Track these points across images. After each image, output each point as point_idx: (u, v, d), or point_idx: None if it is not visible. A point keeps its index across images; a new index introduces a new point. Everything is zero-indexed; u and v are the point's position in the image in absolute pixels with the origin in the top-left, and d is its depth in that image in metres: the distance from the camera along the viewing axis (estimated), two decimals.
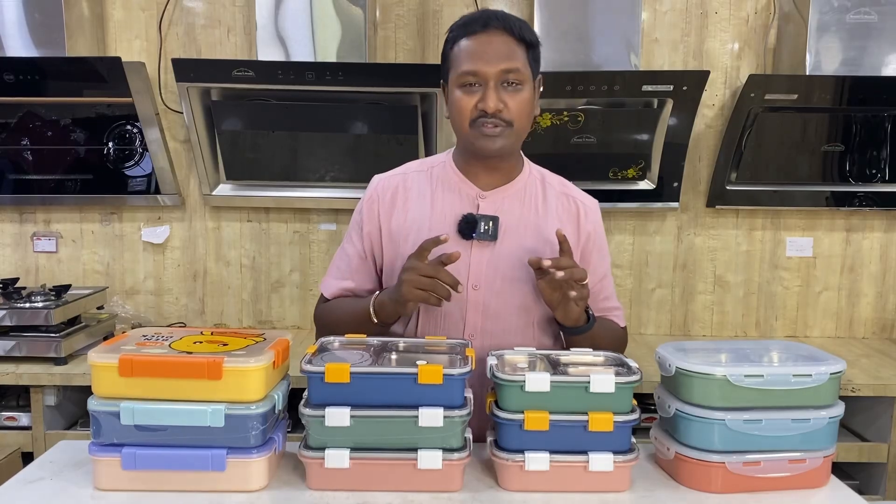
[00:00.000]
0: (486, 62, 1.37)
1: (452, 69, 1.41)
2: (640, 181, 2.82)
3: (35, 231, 2.92)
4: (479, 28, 1.39)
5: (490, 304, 1.47)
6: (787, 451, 1.20)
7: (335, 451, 1.16)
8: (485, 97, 1.37)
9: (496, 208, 1.48)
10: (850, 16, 2.58)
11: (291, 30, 2.57)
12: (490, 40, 1.38)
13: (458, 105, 1.41)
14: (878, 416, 2.46)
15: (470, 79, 1.38)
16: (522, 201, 1.51)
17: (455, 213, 1.47)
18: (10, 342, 2.40)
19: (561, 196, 1.54)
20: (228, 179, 2.81)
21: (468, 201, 1.49)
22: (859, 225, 2.97)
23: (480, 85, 1.38)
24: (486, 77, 1.37)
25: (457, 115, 1.42)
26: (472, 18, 1.42)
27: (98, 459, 1.16)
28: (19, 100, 2.68)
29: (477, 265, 1.46)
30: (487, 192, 1.49)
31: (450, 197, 1.50)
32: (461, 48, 1.40)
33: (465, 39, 1.40)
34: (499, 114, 1.38)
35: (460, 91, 1.40)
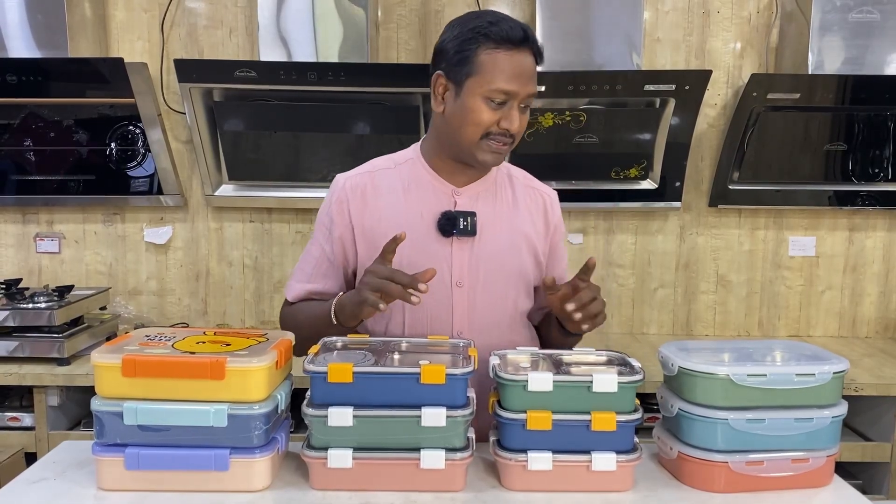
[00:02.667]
0: (522, 84, 1.36)
1: (478, 77, 1.36)
2: (643, 181, 2.82)
3: (38, 232, 2.93)
4: (516, 45, 1.35)
5: (475, 299, 1.48)
6: (791, 451, 1.20)
7: (338, 451, 1.16)
8: (510, 117, 1.37)
9: (471, 204, 1.48)
10: (853, 15, 2.58)
11: (293, 30, 2.57)
12: (525, 60, 1.37)
13: (476, 116, 1.37)
14: (881, 415, 2.45)
15: (501, 96, 1.36)
16: (495, 196, 1.52)
17: (431, 210, 1.47)
18: (13, 343, 2.40)
19: (528, 189, 1.57)
20: (231, 180, 2.81)
21: (444, 198, 1.48)
22: (862, 224, 2.97)
23: (505, 103, 1.37)
24: (516, 98, 1.37)
25: (471, 126, 1.38)
26: (510, 29, 1.36)
27: (101, 459, 1.17)
28: (22, 101, 2.68)
29: (459, 262, 1.47)
30: (462, 189, 1.49)
31: (424, 194, 1.49)
32: (496, 60, 1.35)
33: (501, 52, 1.35)
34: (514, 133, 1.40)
35: (484, 104, 1.37)
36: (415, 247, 1.44)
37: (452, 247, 1.46)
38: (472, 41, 1.37)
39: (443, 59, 1.42)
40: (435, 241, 1.46)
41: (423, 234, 1.46)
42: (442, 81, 1.42)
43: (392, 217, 1.47)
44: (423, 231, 1.46)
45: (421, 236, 1.45)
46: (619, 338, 2.89)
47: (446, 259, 1.46)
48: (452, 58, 1.39)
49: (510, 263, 1.50)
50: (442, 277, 1.44)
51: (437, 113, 1.45)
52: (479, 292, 1.48)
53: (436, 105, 1.44)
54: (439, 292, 1.45)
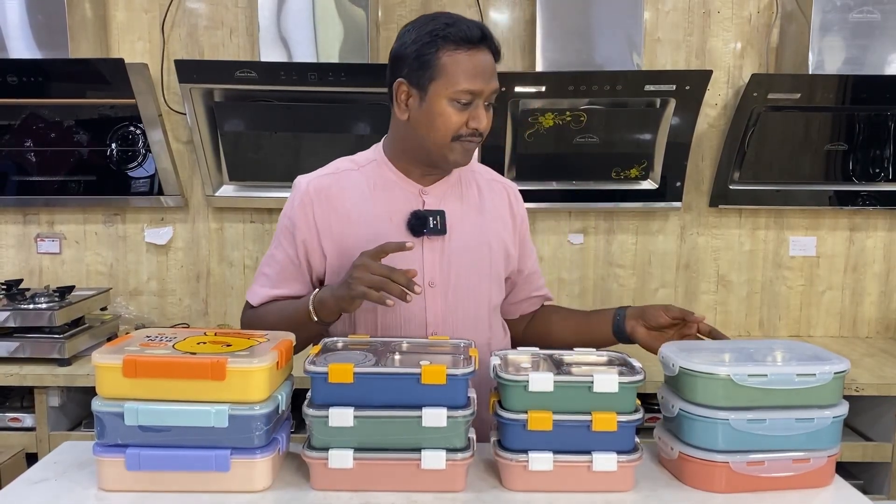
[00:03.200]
0: (485, 82, 1.37)
1: (441, 80, 1.36)
2: (643, 181, 2.82)
3: (39, 232, 2.93)
4: (475, 44, 1.36)
5: (448, 298, 1.48)
6: (791, 451, 1.20)
7: (339, 452, 1.16)
8: (478, 116, 1.38)
9: (439, 203, 1.49)
10: (853, 15, 2.58)
11: (294, 31, 2.57)
12: (484, 58, 1.38)
13: (445, 120, 1.38)
14: (881, 415, 2.45)
15: (466, 97, 1.36)
16: (461, 194, 1.53)
17: (400, 211, 1.47)
18: (13, 343, 2.41)
19: (491, 183, 1.59)
20: (231, 180, 2.81)
21: (412, 198, 1.48)
22: (863, 224, 2.97)
23: (470, 102, 1.37)
24: (481, 96, 1.38)
25: (441, 130, 1.39)
26: (466, 29, 1.37)
27: (102, 460, 1.17)
28: (23, 101, 2.68)
29: (431, 262, 1.47)
30: (428, 188, 1.50)
31: (391, 195, 1.48)
32: (457, 62, 1.36)
33: (461, 53, 1.36)
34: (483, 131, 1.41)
35: (451, 106, 1.37)
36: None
37: (423, 247, 1.47)
38: (432, 44, 1.37)
39: (403, 65, 1.41)
40: (405, 238, 1.45)
41: (393, 236, 1.44)
42: (404, 88, 1.41)
43: (360, 218, 1.47)
44: (392, 232, 1.45)
45: (391, 234, 1.45)
46: None
47: (417, 259, 1.45)
48: (413, 63, 1.39)
49: (481, 259, 1.51)
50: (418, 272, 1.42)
51: (401, 121, 1.44)
52: (451, 291, 1.48)
53: (399, 112, 1.43)
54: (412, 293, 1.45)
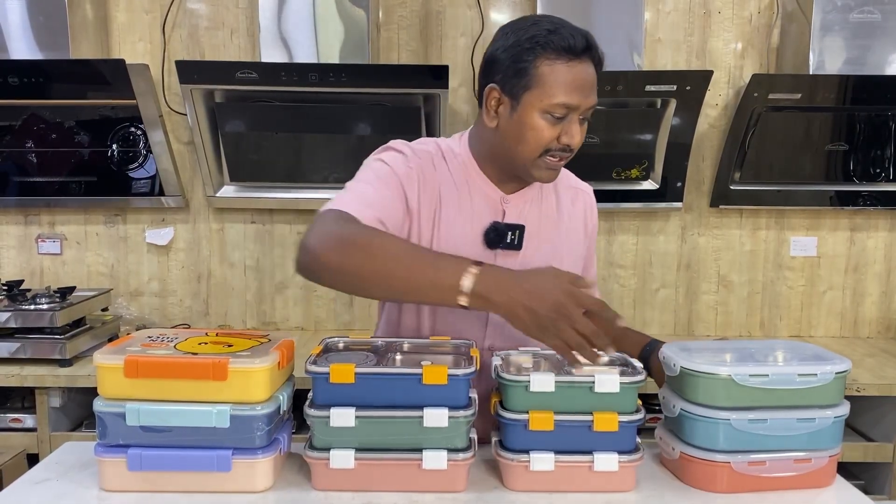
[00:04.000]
0: (584, 96, 1.27)
1: (537, 91, 1.26)
2: (644, 181, 2.82)
3: (39, 233, 2.93)
4: (577, 55, 1.26)
5: None
6: (793, 451, 1.20)
7: (340, 452, 1.16)
8: (571, 132, 1.29)
9: (519, 213, 1.42)
10: (854, 15, 2.58)
11: (294, 31, 2.57)
12: (585, 70, 1.28)
13: (536, 133, 1.28)
14: (883, 415, 2.45)
15: (562, 111, 1.27)
16: (540, 204, 1.46)
17: (480, 215, 1.40)
18: (14, 344, 2.41)
19: (569, 190, 1.51)
20: (232, 181, 2.82)
21: (492, 205, 1.41)
22: (863, 224, 2.96)
23: (565, 116, 1.28)
24: (577, 111, 1.28)
25: (531, 143, 1.30)
26: (570, 38, 1.26)
27: (104, 460, 1.17)
28: (23, 102, 2.68)
29: None
30: (510, 196, 1.42)
31: (474, 198, 1.41)
32: (556, 73, 1.26)
33: (560, 63, 1.26)
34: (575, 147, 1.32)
35: (544, 119, 1.28)
36: (458, 250, 1.34)
37: (496, 257, 1.39)
38: (530, 52, 1.27)
39: (497, 70, 1.31)
40: (480, 248, 1.39)
41: (470, 240, 1.38)
42: (496, 94, 1.32)
43: (449, 216, 1.39)
44: (469, 238, 1.38)
45: (468, 241, 1.38)
46: None
47: None
48: (508, 69, 1.29)
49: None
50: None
51: (489, 127, 1.35)
52: None
53: (488, 119, 1.34)
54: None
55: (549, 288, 1.10)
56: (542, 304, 1.09)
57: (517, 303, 1.10)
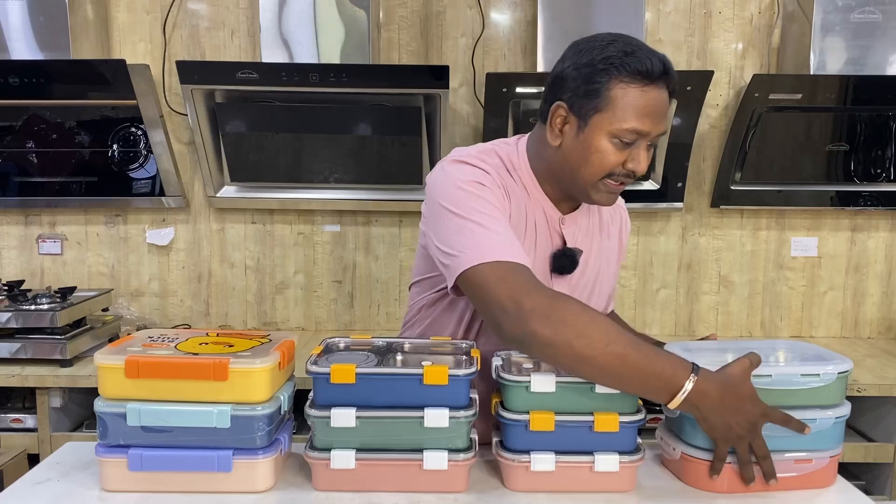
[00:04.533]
0: (655, 123, 1.23)
1: (607, 112, 1.22)
2: (645, 181, 2.82)
3: (40, 233, 2.93)
4: (653, 80, 1.22)
5: None
6: (794, 452, 1.19)
7: (341, 452, 1.16)
8: (638, 158, 1.25)
9: (574, 234, 1.40)
10: (855, 15, 2.58)
11: (295, 32, 2.57)
12: (660, 97, 1.23)
13: (601, 157, 1.25)
14: (884, 416, 2.45)
15: (632, 137, 1.23)
16: (588, 225, 1.43)
17: (542, 235, 1.37)
18: (15, 344, 2.41)
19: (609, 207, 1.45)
20: (233, 181, 2.82)
21: (551, 224, 1.38)
22: (864, 224, 2.96)
23: (634, 142, 1.24)
24: (647, 137, 1.25)
25: (596, 166, 1.26)
26: (647, 62, 1.21)
27: (104, 460, 1.17)
28: (24, 102, 2.68)
29: None
30: (567, 217, 1.39)
31: (537, 215, 1.37)
32: (629, 97, 1.21)
33: (635, 87, 1.21)
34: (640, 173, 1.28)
35: (611, 143, 1.24)
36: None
37: (552, 281, 1.38)
38: (604, 73, 1.22)
39: (566, 88, 1.26)
40: (542, 268, 1.36)
41: (533, 258, 1.34)
42: (562, 112, 1.27)
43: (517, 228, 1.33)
44: (533, 254, 1.35)
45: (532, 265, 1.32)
46: None
47: None
48: (578, 88, 1.24)
49: (597, 293, 1.45)
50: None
51: (551, 145, 1.30)
52: None
53: (551, 137, 1.29)
54: None
55: (749, 409, 1.13)
56: (738, 420, 1.13)
57: (719, 416, 1.13)
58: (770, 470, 1.16)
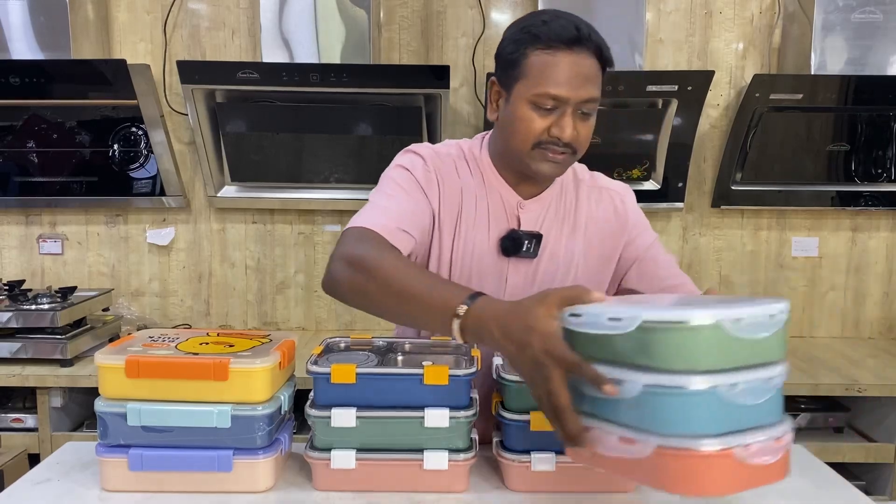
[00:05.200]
0: (574, 88, 1.22)
1: (524, 81, 1.24)
2: (645, 181, 2.82)
3: (41, 233, 2.93)
4: (568, 44, 1.21)
5: None
6: (769, 427, 0.89)
7: (341, 452, 1.16)
8: (561, 124, 1.24)
9: (535, 219, 1.39)
10: (855, 15, 2.57)
11: (295, 32, 2.57)
12: (577, 61, 1.22)
13: (524, 125, 1.26)
14: (884, 416, 2.45)
15: (548, 102, 1.23)
16: (557, 209, 1.42)
17: (497, 220, 1.38)
18: (16, 344, 2.41)
19: (594, 191, 1.46)
20: (233, 181, 2.82)
21: (508, 210, 1.39)
22: (865, 225, 2.96)
23: (556, 108, 1.24)
24: (566, 102, 1.23)
25: (521, 134, 1.27)
26: (560, 28, 1.22)
27: (105, 460, 1.17)
28: (25, 102, 2.68)
29: (513, 284, 1.39)
30: (526, 202, 1.39)
31: (493, 202, 1.38)
32: (542, 62, 1.22)
33: (547, 53, 1.22)
34: (570, 141, 1.26)
35: (532, 110, 1.24)
36: (475, 256, 1.37)
37: (509, 266, 1.39)
38: (522, 42, 1.25)
39: (497, 62, 1.31)
40: (494, 254, 1.38)
41: (485, 247, 1.37)
42: (496, 88, 1.32)
43: (467, 217, 1.37)
44: (485, 243, 1.37)
45: (482, 248, 1.37)
46: None
47: (501, 277, 1.39)
48: (504, 61, 1.29)
49: (565, 282, 1.41)
50: (495, 295, 1.31)
51: (494, 122, 1.34)
52: None
53: (490, 113, 1.34)
54: None
55: (526, 340, 0.92)
56: (522, 359, 0.94)
57: (503, 349, 0.97)
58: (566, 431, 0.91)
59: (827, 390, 2.37)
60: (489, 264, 1.38)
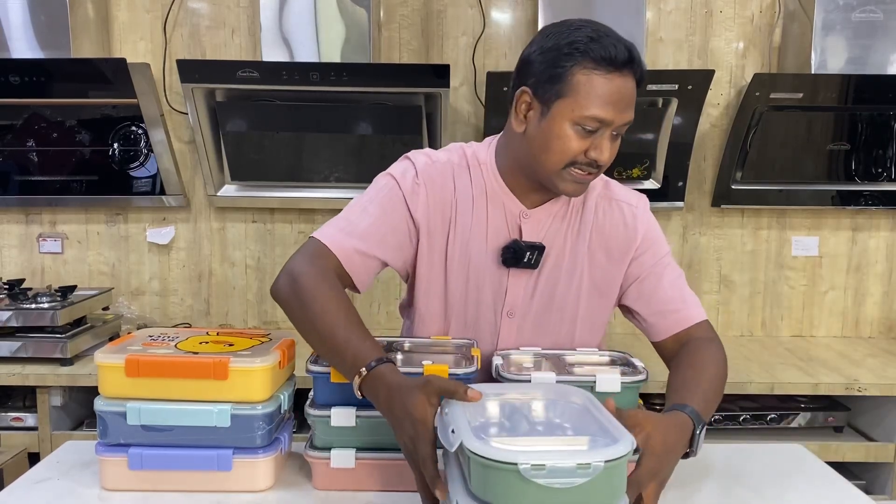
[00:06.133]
0: (618, 112, 1.21)
1: (569, 99, 1.20)
2: (645, 181, 2.82)
3: (41, 232, 2.93)
4: (617, 67, 1.20)
5: (524, 330, 1.39)
6: None
7: (341, 452, 1.16)
8: (600, 147, 1.23)
9: (538, 230, 1.36)
10: (856, 14, 2.57)
11: (296, 31, 2.57)
12: (625, 85, 1.21)
13: (563, 143, 1.22)
14: (884, 415, 2.45)
15: (594, 124, 1.21)
16: (563, 219, 1.38)
17: (497, 230, 1.36)
18: (16, 343, 2.41)
19: (603, 200, 1.41)
20: (233, 180, 2.81)
21: (510, 220, 1.36)
22: (865, 224, 2.96)
23: (597, 130, 1.22)
24: (610, 126, 1.22)
25: (557, 153, 1.23)
26: (612, 49, 1.19)
27: (105, 459, 1.17)
28: (25, 101, 2.68)
29: (514, 293, 1.38)
30: (530, 211, 1.36)
31: (493, 211, 1.36)
32: (592, 83, 1.19)
33: (598, 74, 1.19)
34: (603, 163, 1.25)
35: (573, 130, 1.22)
36: (473, 268, 1.36)
37: (509, 277, 1.37)
38: (568, 58, 1.20)
39: (531, 73, 1.25)
40: (494, 263, 1.36)
41: (485, 256, 1.36)
42: (526, 98, 1.26)
43: (463, 224, 1.36)
44: (486, 253, 1.36)
45: (482, 258, 1.36)
46: (622, 338, 2.89)
47: (501, 288, 1.37)
48: (542, 74, 1.23)
49: (566, 296, 1.39)
50: (493, 305, 1.37)
51: (517, 132, 1.29)
52: (529, 323, 1.39)
53: (516, 124, 1.28)
54: (488, 319, 1.38)
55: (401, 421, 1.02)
56: (397, 434, 1.05)
57: (386, 419, 1.07)
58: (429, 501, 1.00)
59: (827, 389, 2.37)
60: (488, 274, 1.37)
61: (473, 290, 1.37)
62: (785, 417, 2.43)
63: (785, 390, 2.36)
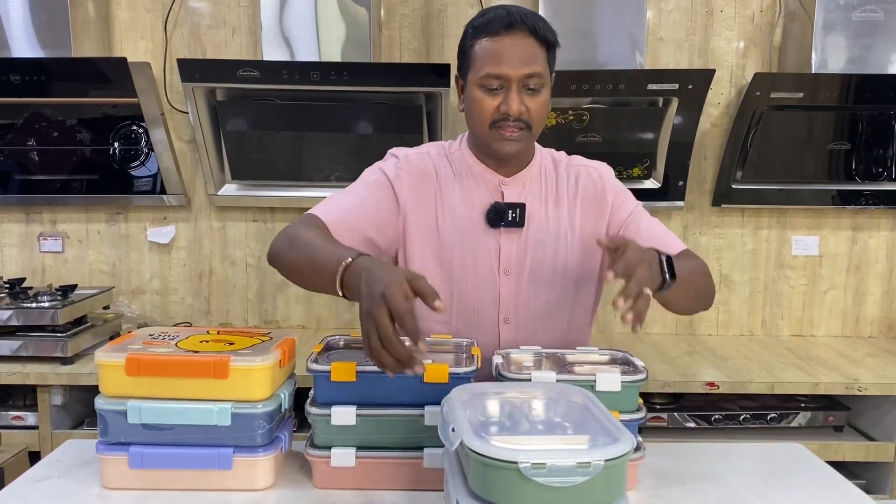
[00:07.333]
0: (510, 66, 1.36)
1: (473, 68, 1.41)
2: (646, 180, 2.82)
3: (41, 231, 2.93)
4: (502, 29, 1.37)
5: (521, 285, 1.50)
6: None
7: (341, 450, 1.16)
8: (507, 100, 1.38)
9: (518, 193, 1.50)
10: (856, 14, 2.57)
11: (296, 30, 2.57)
12: (514, 42, 1.37)
13: (478, 106, 1.41)
14: (885, 415, 2.45)
15: (493, 82, 1.38)
16: (540, 184, 1.53)
17: (482, 200, 1.49)
18: (16, 342, 2.41)
19: (572, 169, 1.56)
20: (234, 179, 2.82)
21: (492, 188, 1.50)
22: (865, 223, 2.96)
23: (502, 87, 1.38)
24: (509, 80, 1.37)
25: (476, 116, 1.42)
26: (495, 17, 1.39)
27: (105, 458, 1.17)
28: (25, 100, 2.68)
29: (507, 252, 1.49)
30: (509, 179, 1.50)
31: (474, 185, 1.50)
32: (483, 48, 1.39)
33: (486, 39, 1.38)
34: (520, 116, 1.39)
35: (481, 92, 1.40)
36: (466, 235, 1.48)
37: (500, 237, 1.49)
38: (467, 36, 1.43)
39: (458, 59, 1.48)
40: (484, 230, 1.49)
41: (474, 223, 1.48)
42: (460, 82, 1.48)
43: (451, 208, 1.49)
44: (474, 220, 1.48)
45: (472, 225, 1.48)
46: (623, 337, 2.89)
47: (495, 248, 1.49)
48: (460, 59, 1.46)
49: (556, 251, 1.51)
50: (490, 266, 1.48)
51: (463, 114, 1.48)
52: (526, 278, 1.50)
53: (458, 104, 1.49)
54: (487, 280, 1.49)
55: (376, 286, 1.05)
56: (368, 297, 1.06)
57: (361, 295, 1.08)
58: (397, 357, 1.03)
59: (827, 389, 2.37)
60: (480, 238, 1.48)
61: (470, 253, 1.48)
62: (785, 417, 2.44)
63: (785, 390, 2.36)
